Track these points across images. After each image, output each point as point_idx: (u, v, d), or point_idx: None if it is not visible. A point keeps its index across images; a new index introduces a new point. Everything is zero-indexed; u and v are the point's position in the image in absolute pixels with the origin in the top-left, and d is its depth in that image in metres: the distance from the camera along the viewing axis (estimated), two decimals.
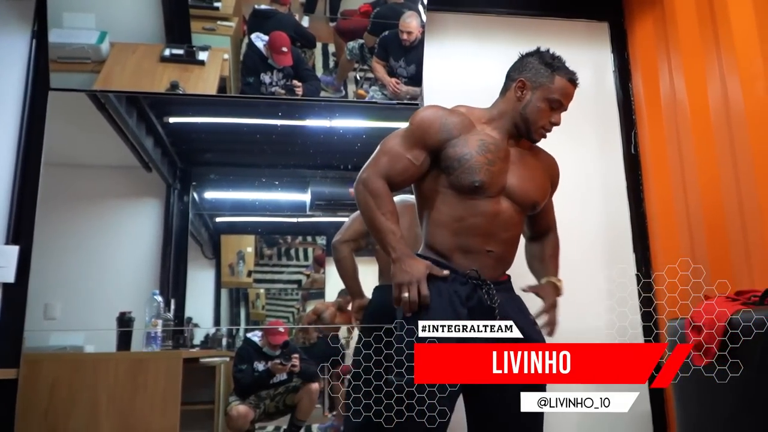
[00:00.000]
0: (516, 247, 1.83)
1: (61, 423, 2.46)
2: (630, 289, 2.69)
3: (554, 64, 1.77)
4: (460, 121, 1.75)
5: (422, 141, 1.73)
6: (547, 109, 1.76)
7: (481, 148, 1.72)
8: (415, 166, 1.72)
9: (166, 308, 2.75)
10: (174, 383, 2.61)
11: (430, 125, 1.73)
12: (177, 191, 3.05)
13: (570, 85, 1.78)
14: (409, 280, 1.62)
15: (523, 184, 1.77)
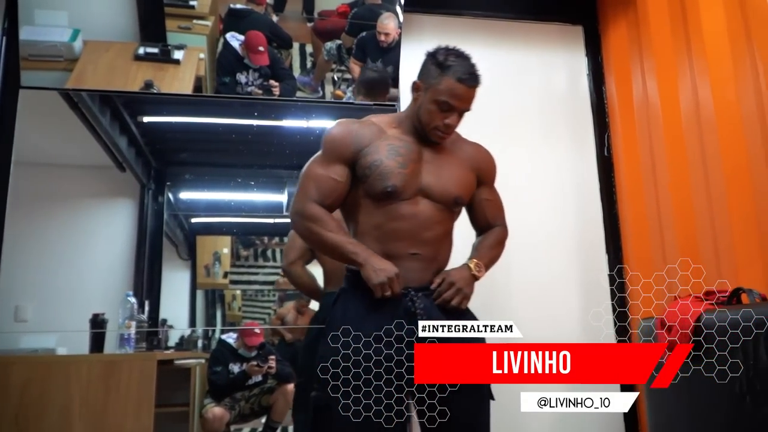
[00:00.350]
0: (447, 246, 1.78)
1: (33, 426, 2.41)
2: (603, 289, 2.72)
3: (444, 63, 1.68)
4: (370, 131, 1.74)
5: (338, 156, 1.72)
6: (436, 110, 1.70)
7: (391, 152, 1.71)
8: (340, 182, 1.71)
9: (140, 310, 2.72)
10: (148, 385, 2.58)
11: (342, 139, 1.72)
12: (151, 191, 3.02)
13: (459, 85, 1.67)
14: (385, 279, 1.61)
15: (439, 182, 1.73)
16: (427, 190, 1.72)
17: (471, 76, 1.68)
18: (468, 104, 1.72)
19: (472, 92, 1.70)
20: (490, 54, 3.00)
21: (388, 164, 1.68)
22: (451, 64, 1.67)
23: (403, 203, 1.69)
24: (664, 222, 2.55)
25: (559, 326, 2.66)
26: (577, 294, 2.73)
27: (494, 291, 2.65)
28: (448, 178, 1.75)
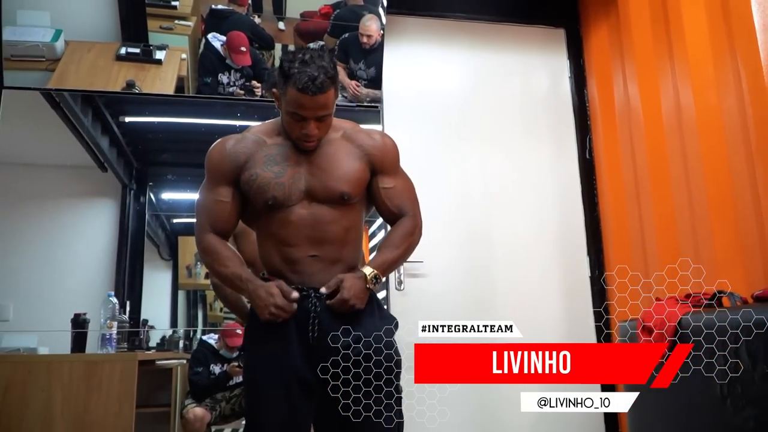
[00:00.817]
0: (353, 243, 1.74)
1: (15, 425, 2.41)
2: (583, 290, 2.74)
3: (288, 72, 1.60)
4: (246, 145, 1.70)
5: (220, 178, 1.69)
6: (291, 121, 1.64)
7: (268, 163, 1.68)
8: (226, 203, 1.69)
9: (121, 310, 2.70)
10: (129, 385, 2.57)
11: (220, 160, 1.69)
12: (133, 192, 3.01)
13: (301, 95, 1.59)
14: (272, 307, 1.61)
15: (322, 182, 1.69)
16: (312, 192, 1.69)
17: (310, 84, 1.58)
18: (318, 111, 1.63)
19: (317, 100, 1.60)
20: (473, 56, 3.02)
21: (265, 176, 1.66)
22: (293, 73, 1.59)
23: (292, 209, 1.67)
24: (645, 225, 2.58)
25: (541, 328, 2.68)
26: (559, 296, 2.75)
27: (476, 293, 2.67)
28: (331, 176, 1.70)
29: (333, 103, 1.65)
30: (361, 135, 1.76)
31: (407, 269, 2.62)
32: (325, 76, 1.59)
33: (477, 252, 2.73)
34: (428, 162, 2.80)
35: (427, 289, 2.64)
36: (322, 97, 1.60)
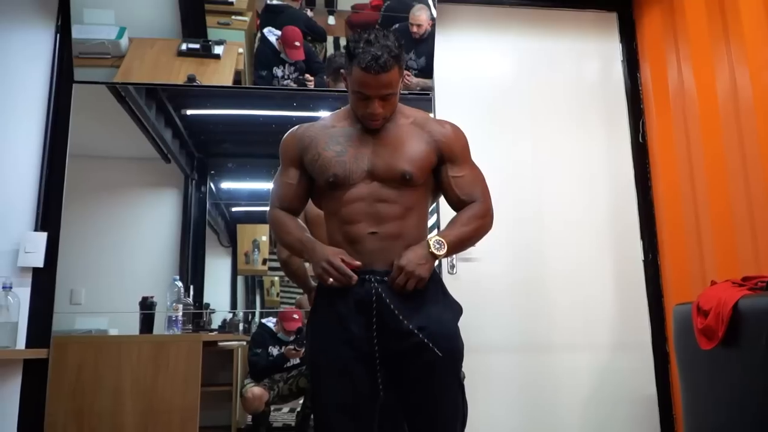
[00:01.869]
0: (414, 223, 1.70)
1: (88, 402, 2.53)
2: (636, 274, 2.69)
3: (352, 52, 1.62)
4: (313, 130, 1.76)
5: (288, 161, 1.77)
6: (357, 100, 1.66)
7: (329, 143, 1.71)
8: (293, 185, 1.76)
9: (186, 293, 2.78)
10: (194, 365, 2.67)
11: (287, 145, 1.77)
12: (195, 181, 3.10)
13: (364, 74, 1.59)
14: (324, 262, 1.63)
15: (384, 161, 1.69)
16: (374, 171, 1.69)
17: (374, 63, 1.58)
18: (382, 90, 1.63)
19: (381, 78, 1.60)
20: (524, 42, 2.98)
21: (327, 155, 1.68)
22: (356, 53, 1.61)
23: (354, 187, 1.68)
24: (700, 209, 2.51)
25: (593, 312, 2.65)
26: (611, 280, 2.70)
27: (528, 277, 2.65)
28: (395, 156, 1.69)
29: (397, 83, 1.66)
30: (432, 123, 1.79)
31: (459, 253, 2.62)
32: (389, 55, 1.59)
33: (528, 237, 2.71)
34: (479, 148, 2.73)
35: (479, 273, 2.64)
36: (386, 76, 1.60)
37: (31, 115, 2.38)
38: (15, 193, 2.28)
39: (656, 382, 2.58)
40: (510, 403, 2.51)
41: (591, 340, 2.61)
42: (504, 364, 2.55)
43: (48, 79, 2.44)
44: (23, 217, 2.27)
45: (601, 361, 2.59)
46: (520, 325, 2.60)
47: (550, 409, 2.52)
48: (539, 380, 2.55)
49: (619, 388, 2.57)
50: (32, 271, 2.23)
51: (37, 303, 2.21)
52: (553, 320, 2.61)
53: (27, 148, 2.34)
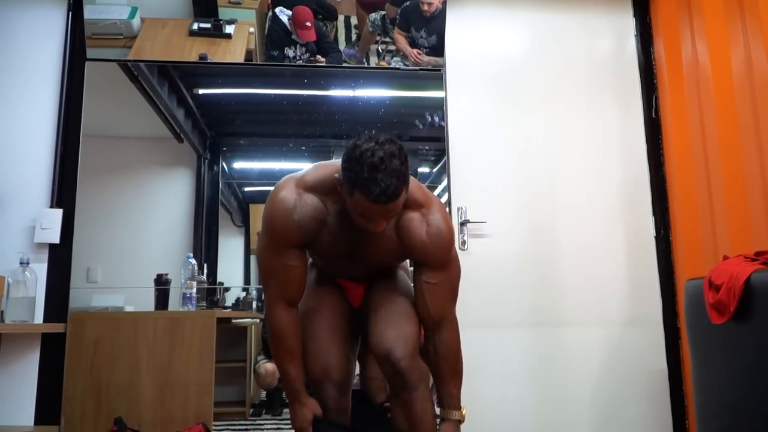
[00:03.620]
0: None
1: (105, 377, 2.56)
2: (648, 250, 2.67)
3: (353, 178, 1.47)
4: (310, 216, 1.64)
5: (287, 243, 1.65)
6: (358, 217, 1.56)
7: (330, 245, 1.70)
8: (297, 267, 1.68)
9: (200, 271, 2.79)
10: (209, 340, 2.69)
11: (287, 229, 1.63)
12: (207, 161, 3.09)
13: (369, 204, 1.48)
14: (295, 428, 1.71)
15: (366, 254, 1.74)
16: (354, 256, 1.73)
17: (383, 196, 1.45)
18: (388, 215, 1.54)
19: (389, 207, 1.50)
20: (536, 17, 2.93)
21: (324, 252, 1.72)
22: (361, 181, 1.46)
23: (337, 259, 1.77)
24: (713, 184, 2.47)
25: (605, 287, 2.63)
26: (623, 256, 2.68)
27: (539, 253, 2.63)
28: (373, 252, 1.73)
29: (404, 199, 1.55)
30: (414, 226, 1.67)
31: (470, 230, 2.60)
32: (398, 181, 1.47)
33: (540, 212, 2.68)
34: (491, 124, 2.76)
35: (491, 249, 2.62)
36: (394, 203, 1.50)
37: (45, 93, 2.38)
38: (31, 170, 2.29)
39: (667, 357, 2.57)
40: (522, 379, 2.51)
41: (602, 316, 2.59)
42: (516, 339, 2.54)
43: (60, 57, 2.43)
44: (39, 194, 2.28)
45: (612, 336, 2.57)
46: (532, 301, 2.58)
47: (561, 384, 2.52)
48: (551, 355, 2.54)
49: (630, 363, 2.55)
50: (48, 247, 2.24)
51: (53, 278, 2.23)
52: (564, 296, 2.59)
53: (41, 126, 2.34)
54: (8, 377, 2.09)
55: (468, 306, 2.51)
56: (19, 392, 2.10)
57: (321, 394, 1.73)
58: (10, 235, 2.23)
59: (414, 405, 1.69)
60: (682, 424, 2.48)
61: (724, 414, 1.89)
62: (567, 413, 2.48)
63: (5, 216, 2.23)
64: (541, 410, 2.48)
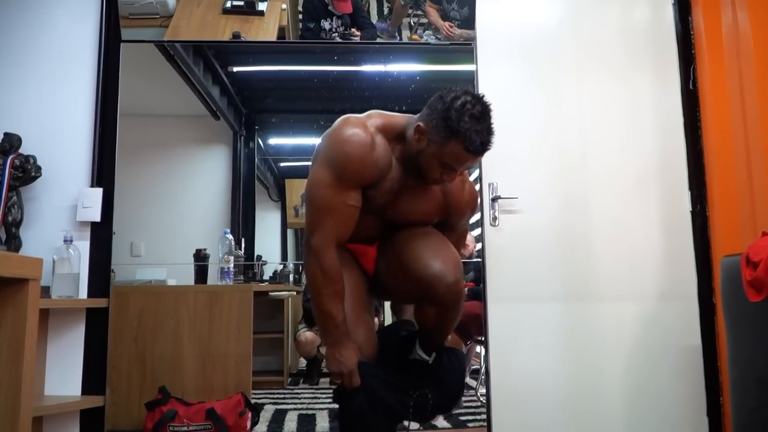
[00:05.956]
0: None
1: (149, 347, 2.62)
2: (684, 225, 2.58)
3: (454, 126, 1.48)
4: (384, 162, 1.61)
5: (356, 183, 1.60)
6: (438, 166, 1.56)
7: (386, 192, 1.67)
8: (356, 207, 1.62)
9: (237, 246, 2.82)
10: (246, 313, 2.73)
11: (363, 167, 1.57)
12: (243, 137, 3.11)
13: (467, 154, 1.51)
14: (340, 371, 1.61)
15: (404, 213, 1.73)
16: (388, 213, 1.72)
17: (481, 147, 1.51)
18: (472, 165, 1.62)
19: (479, 157, 1.56)
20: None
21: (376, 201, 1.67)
22: (463, 130, 1.48)
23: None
24: (753, 158, 2.36)
25: (639, 263, 2.55)
26: (658, 231, 2.59)
27: (572, 228, 2.57)
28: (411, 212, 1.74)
29: None
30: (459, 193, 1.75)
31: (501, 205, 2.55)
32: (492, 136, 1.54)
33: (572, 187, 2.60)
34: (523, 97, 2.67)
35: (522, 224, 2.56)
36: (482, 155, 1.56)
37: (82, 75, 2.40)
38: (71, 151, 2.32)
39: (701, 332, 2.49)
40: (554, 352, 2.47)
41: (636, 290, 2.52)
42: (549, 314, 2.49)
43: (96, 39, 2.44)
44: (80, 174, 2.31)
45: (645, 310, 2.51)
46: (565, 276, 2.52)
47: (594, 358, 2.47)
48: (583, 329, 2.49)
49: (663, 338, 2.48)
50: (90, 225, 2.27)
51: (95, 255, 2.27)
52: (597, 270, 2.53)
53: (80, 108, 2.37)
54: (56, 350, 2.15)
55: (500, 281, 2.48)
56: (67, 364, 2.16)
57: None
58: (54, 213, 2.28)
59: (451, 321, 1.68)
60: (716, 400, 2.42)
61: (759, 390, 1.83)
62: (599, 387, 2.44)
63: (49, 195, 2.28)
64: (574, 383, 2.45)
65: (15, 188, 2.14)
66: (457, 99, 1.50)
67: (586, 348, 2.47)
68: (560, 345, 2.48)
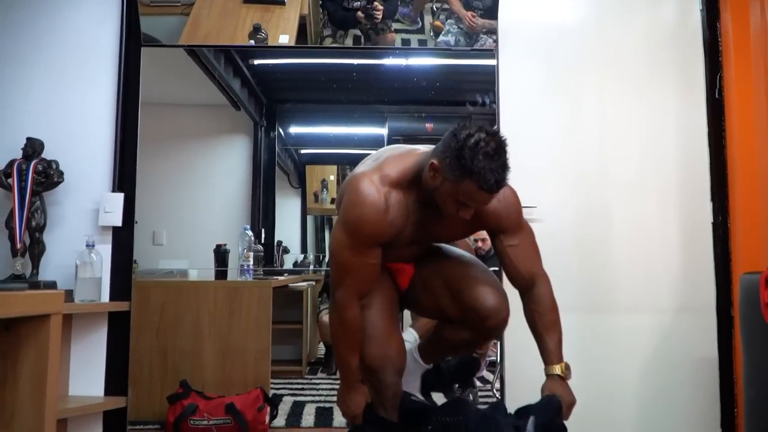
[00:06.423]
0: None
1: (170, 341, 2.69)
2: (704, 237, 2.54)
3: (468, 165, 1.47)
4: (399, 216, 1.64)
5: (374, 243, 1.65)
6: (453, 204, 1.56)
7: (408, 237, 1.71)
8: (376, 264, 1.69)
9: (256, 240, 2.86)
10: (265, 309, 2.79)
11: (379, 230, 1.62)
12: (264, 128, 3.12)
13: (480, 192, 1.50)
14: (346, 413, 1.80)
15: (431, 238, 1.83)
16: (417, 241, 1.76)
17: (496, 185, 1.50)
18: (488, 202, 1.58)
19: (495, 194, 1.54)
20: None
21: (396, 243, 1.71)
22: (477, 169, 1.46)
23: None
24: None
25: (657, 274, 2.53)
26: (678, 242, 2.55)
27: (591, 236, 2.55)
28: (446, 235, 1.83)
29: None
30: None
31: None
32: (507, 171, 1.52)
33: (591, 196, 2.57)
34: (543, 98, 2.62)
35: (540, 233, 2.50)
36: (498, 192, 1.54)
37: (102, 79, 2.40)
38: (93, 155, 2.35)
39: (719, 346, 2.47)
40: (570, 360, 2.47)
41: (653, 302, 2.50)
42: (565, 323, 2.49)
43: (117, 43, 2.43)
44: (101, 178, 2.34)
45: (662, 322, 2.49)
46: (582, 285, 2.51)
47: (609, 367, 2.46)
48: (599, 338, 2.48)
49: (679, 350, 2.47)
50: (112, 229, 2.31)
51: (117, 259, 2.31)
52: (615, 280, 2.51)
53: (101, 112, 2.38)
54: (80, 352, 2.22)
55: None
56: (90, 365, 2.23)
57: (382, 379, 1.78)
58: (76, 218, 2.31)
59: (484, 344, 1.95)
60: (730, 413, 2.42)
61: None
62: (613, 394, 2.45)
63: (71, 199, 2.31)
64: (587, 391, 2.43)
65: (38, 193, 2.18)
66: (471, 137, 1.49)
67: (601, 356, 2.48)
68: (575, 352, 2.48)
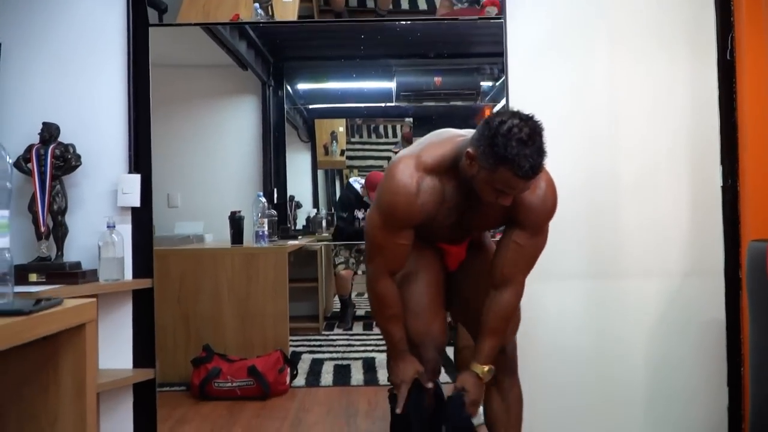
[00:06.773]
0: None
1: (191, 307, 2.81)
2: (714, 199, 2.54)
3: (501, 153, 1.47)
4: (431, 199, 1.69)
5: (405, 224, 1.71)
6: (491, 191, 1.56)
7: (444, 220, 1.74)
8: (407, 245, 1.74)
9: (269, 205, 2.89)
10: (282, 273, 2.89)
11: (410, 213, 1.67)
12: (272, 87, 3.11)
13: (515, 179, 1.49)
14: (397, 382, 1.81)
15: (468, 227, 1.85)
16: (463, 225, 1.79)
17: (531, 171, 1.48)
18: (526, 188, 1.58)
19: (532, 180, 1.53)
20: None
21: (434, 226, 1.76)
22: (511, 156, 1.46)
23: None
24: None
25: (667, 237, 2.55)
26: (687, 205, 2.54)
27: (599, 201, 2.55)
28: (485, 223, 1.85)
29: None
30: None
31: None
32: (543, 157, 1.51)
33: (600, 156, 2.54)
34: (551, 60, 2.56)
35: None
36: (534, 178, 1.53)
37: (112, 61, 2.37)
38: (108, 137, 2.35)
39: (726, 308, 2.51)
40: (579, 328, 2.53)
41: (662, 265, 2.52)
42: (574, 289, 2.53)
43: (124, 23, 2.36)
44: (118, 160, 2.35)
45: (670, 285, 2.52)
46: (590, 250, 2.53)
47: (618, 330, 2.51)
48: (608, 305, 2.52)
49: (687, 312, 2.51)
50: (131, 210, 2.36)
51: (137, 238, 2.36)
52: (623, 244, 2.53)
53: (113, 94, 2.36)
54: (108, 328, 2.30)
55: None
56: (119, 340, 2.32)
57: (423, 354, 1.84)
58: (95, 199, 2.34)
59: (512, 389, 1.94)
60: (737, 373, 2.47)
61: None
62: (623, 356, 2.51)
63: (89, 181, 2.34)
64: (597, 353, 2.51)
65: (57, 177, 2.21)
66: (503, 123, 1.49)
67: (611, 319, 2.53)
68: (584, 320, 2.53)
